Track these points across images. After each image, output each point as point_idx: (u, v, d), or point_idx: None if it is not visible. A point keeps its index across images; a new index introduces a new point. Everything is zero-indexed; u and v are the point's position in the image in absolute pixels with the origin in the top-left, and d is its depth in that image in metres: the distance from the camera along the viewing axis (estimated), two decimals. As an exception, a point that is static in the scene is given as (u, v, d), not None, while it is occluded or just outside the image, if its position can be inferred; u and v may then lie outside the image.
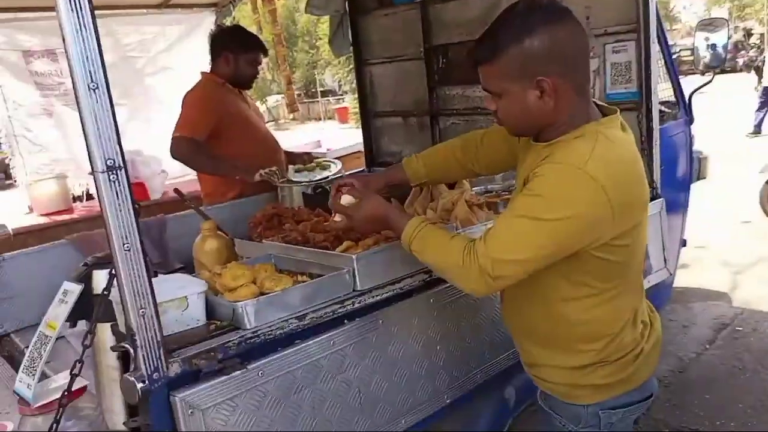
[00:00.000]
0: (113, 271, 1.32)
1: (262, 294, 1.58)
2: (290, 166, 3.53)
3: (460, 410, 1.99)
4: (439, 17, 3.43)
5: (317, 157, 3.69)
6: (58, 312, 1.47)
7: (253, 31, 3.94)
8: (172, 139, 3.02)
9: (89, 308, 1.54)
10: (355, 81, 4.16)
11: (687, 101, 3.65)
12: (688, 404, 3.34)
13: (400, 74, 3.75)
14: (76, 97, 1.25)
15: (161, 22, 5.07)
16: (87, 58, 1.22)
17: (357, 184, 1.77)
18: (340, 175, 3.31)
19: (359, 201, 1.69)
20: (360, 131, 4.17)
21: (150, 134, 4.69)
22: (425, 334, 1.87)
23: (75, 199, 4.57)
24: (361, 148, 4.20)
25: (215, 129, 3.08)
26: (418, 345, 1.84)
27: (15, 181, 4.66)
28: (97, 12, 1.24)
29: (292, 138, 11.65)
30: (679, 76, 3.61)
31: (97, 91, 1.24)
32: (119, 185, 1.28)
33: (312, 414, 1.57)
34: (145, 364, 1.33)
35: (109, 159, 1.26)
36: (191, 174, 3.71)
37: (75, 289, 1.47)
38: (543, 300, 1.55)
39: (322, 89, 30.35)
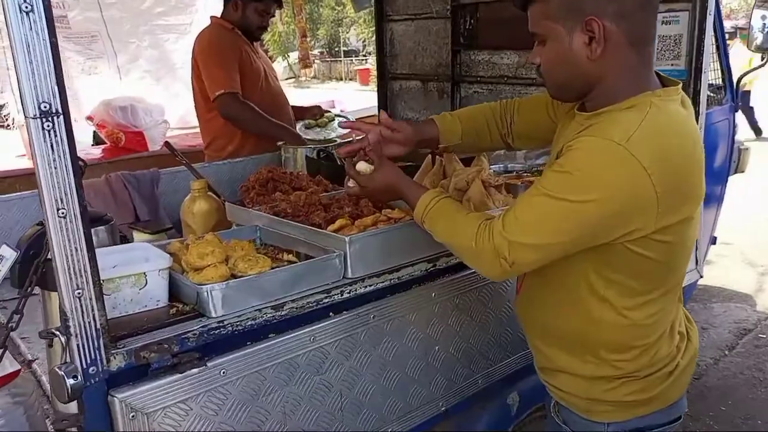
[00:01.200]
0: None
1: (233, 276, 1.34)
2: (300, 122, 3.32)
3: (456, 418, 1.76)
4: (472, -28, 3.10)
5: (328, 111, 3.46)
6: (-12, 280, 1.24)
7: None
8: (217, 97, 2.85)
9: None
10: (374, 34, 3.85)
11: (734, 86, 3.32)
12: (703, 415, 3.11)
13: (423, 34, 3.45)
14: (6, 23, 0.99)
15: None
16: (17, -29, 0.96)
17: (375, 149, 1.56)
18: (350, 139, 3.08)
19: (373, 169, 1.52)
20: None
21: (149, 79, 4.43)
22: (423, 332, 1.62)
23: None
24: (376, 111, 3.93)
25: None
26: (414, 344, 1.61)
27: (6, 120, 4.43)
28: None
29: (308, 96, 11.31)
30: (728, 58, 3.28)
31: (31, 14, 0.98)
32: (55, 135, 1.03)
33: (282, 420, 1.35)
34: (79, 355, 1.10)
35: (43, 102, 1.01)
36: (194, 125, 3.49)
37: (10, 255, 1.24)
38: (568, 294, 1.33)
39: (345, 49, 29.73)
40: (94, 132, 4.59)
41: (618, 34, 1.19)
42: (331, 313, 1.45)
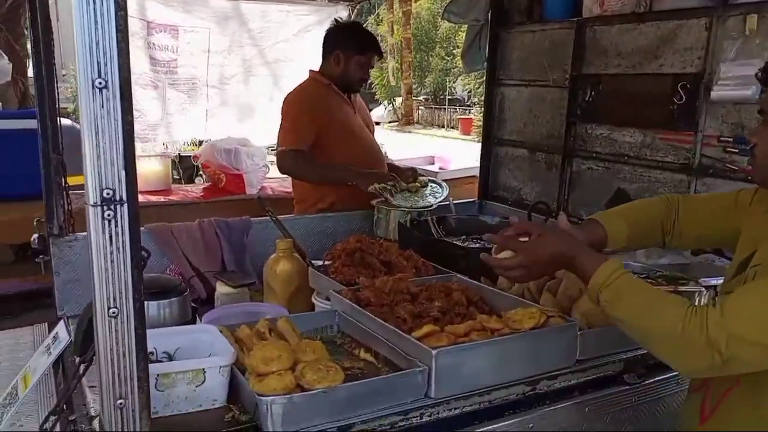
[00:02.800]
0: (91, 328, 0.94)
1: (300, 387, 1.16)
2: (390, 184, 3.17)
3: None
4: (597, 42, 2.87)
5: (422, 175, 3.30)
6: (38, 363, 1.13)
7: (385, 32, 3.60)
8: (278, 153, 2.86)
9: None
10: (483, 96, 3.69)
11: None
12: None
13: (536, 102, 3.23)
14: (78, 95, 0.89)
15: (291, 11, 4.86)
16: (96, 43, 0.86)
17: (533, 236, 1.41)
18: (447, 203, 2.90)
19: (539, 234, 1.38)
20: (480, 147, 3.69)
21: (257, 124, 4.52)
22: (515, 471, 1.37)
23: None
24: (477, 173, 3.73)
25: (317, 136, 2.82)
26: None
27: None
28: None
29: (408, 140, 11.32)
30: None
31: (104, 91, 0.87)
32: (116, 225, 0.90)
33: None
34: (113, 477, 0.95)
35: (107, 189, 0.89)
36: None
37: (64, 338, 1.13)
38: None
39: (450, 97, 29.95)
40: (198, 168, 4.75)
41: None
42: (406, 440, 1.23)
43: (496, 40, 3.40)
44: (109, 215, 0.89)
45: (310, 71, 3.03)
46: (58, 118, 2.04)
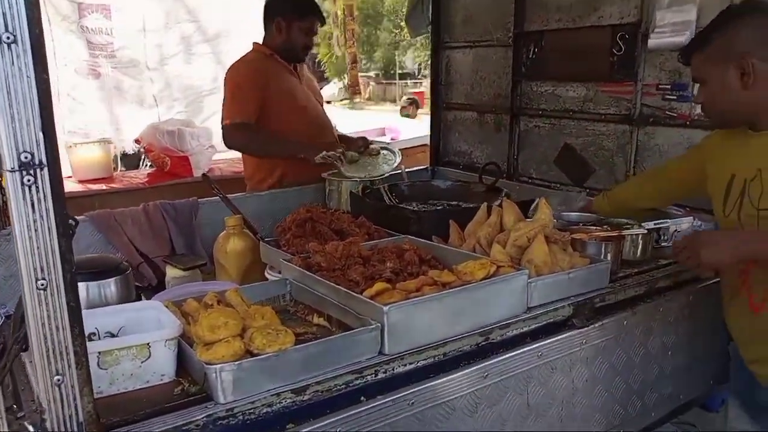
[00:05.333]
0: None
1: (249, 354, 1.14)
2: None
3: None
4: (537, -1, 2.87)
5: (373, 143, 3.27)
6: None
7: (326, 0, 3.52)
8: (222, 128, 2.74)
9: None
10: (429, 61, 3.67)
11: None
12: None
13: (482, 62, 3.23)
14: None
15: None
16: (0, -3, 0.80)
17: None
18: (399, 171, 2.88)
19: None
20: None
21: (201, 105, 4.39)
22: (475, 424, 1.38)
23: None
24: (428, 141, 3.72)
25: (260, 107, 2.74)
26: (462, 436, 1.36)
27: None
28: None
29: (359, 117, 11.21)
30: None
31: (14, 46, 0.82)
32: (37, 191, 0.85)
33: None
34: (56, 454, 0.91)
35: (24, 152, 0.84)
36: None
37: (-5, 320, 1.07)
38: None
39: (400, 71, 29.80)
40: (142, 154, 4.58)
41: (765, 68, 1.48)
42: (362, 398, 1.23)
43: (438, 2, 3.37)
44: (28, 180, 0.84)
45: (254, 44, 2.95)
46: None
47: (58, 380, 0.90)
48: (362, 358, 1.25)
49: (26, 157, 0.84)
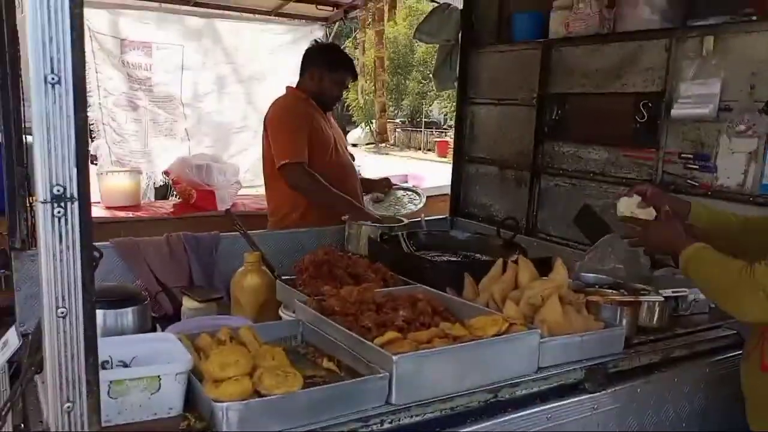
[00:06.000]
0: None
1: (257, 393, 1.15)
2: (366, 196, 3.21)
3: None
4: (563, 62, 2.93)
5: (396, 185, 3.34)
6: (-14, 369, 1.10)
7: (358, 52, 3.68)
8: (283, 166, 2.82)
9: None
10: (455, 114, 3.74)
11: None
12: None
13: (506, 120, 3.28)
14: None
15: (266, 30, 4.91)
16: (50, 38, 0.85)
17: (658, 198, 1.83)
18: (418, 219, 2.92)
19: (660, 222, 1.76)
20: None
21: (228, 141, 4.52)
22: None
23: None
24: (449, 191, 3.75)
25: None
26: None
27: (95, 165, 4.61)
28: (202, 10, 0.88)
29: (384, 163, 11.36)
30: None
31: (57, 87, 0.87)
32: (66, 224, 0.89)
33: None
34: (58, 482, 0.92)
35: (57, 185, 0.88)
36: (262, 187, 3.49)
37: (13, 343, 1.10)
38: None
39: (426, 120, 30.24)
40: (170, 186, 4.69)
41: None
42: (366, 448, 1.22)
43: (466, 59, 3.46)
44: (59, 212, 0.88)
45: (287, 87, 3.07)
46: (23, 129, 2.01)
47: (68, 407, 0.91)
48: (369, 406, 1.25)
49: (59, 191, 0.88)
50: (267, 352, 1.25)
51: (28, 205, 2.01)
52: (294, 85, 3.09)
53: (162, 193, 5.11)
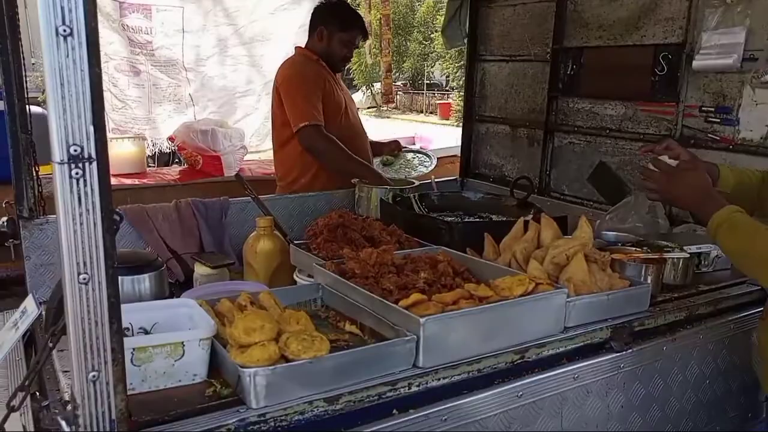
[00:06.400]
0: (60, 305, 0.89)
1: (284, 359, 1.12)
2: (377, 157, 3.17)
3: None
4: (579, 15, 2.83)
5: (405, 147, 3.30)
6: (5, 338, 1.07)
7: (361, 10, 3.56)
8: (300, 129, 2.74)
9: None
10: (463, 78, 3.65)
11: None
12: None
13: (518, 77, 3.19)
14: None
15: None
16: (59, -14, 0.79)
17: (681, 151, 1.71)
18: (428, 181, 2.88)
19: (689, 166, 1.62)
20: (459, 131, 3.66)
21: (234, 106, 4.43)
22: (505, 440, 1.34)
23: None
24: (458, 151, 3.70)
25: None
26: (493, 455, 1.33)
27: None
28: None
29: (388, 126, 11.24)
30: None
31: (69, 39, 0.81)
32: (84, 185, 0.84)
33: None
34: (86, 451, 0.90)
35: (74, 145, 0.83)
36: (270, 150, 3.43)
37: (32, 311, 1.07)
38: None
39: (428, 82, 29.87)
40: (175, 152, 4.63)
41: None
42: (395, 411, 1.20)
43: (476, 14, 3.36)
44: (77, 174, 0.83)
45: (296, 47, 2.98)
46: (26, 96, 1.95)
47: (94, 376, 0.89)
48: (396, 369, 1.22)
49: (76, 150, 0.83)
50: (291, 317, 1.21)
51: (34, 173, 1.97)
52: (303, 46, 3.01)
53: (164, 160, 5.05)
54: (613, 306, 1.57)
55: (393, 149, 3.25)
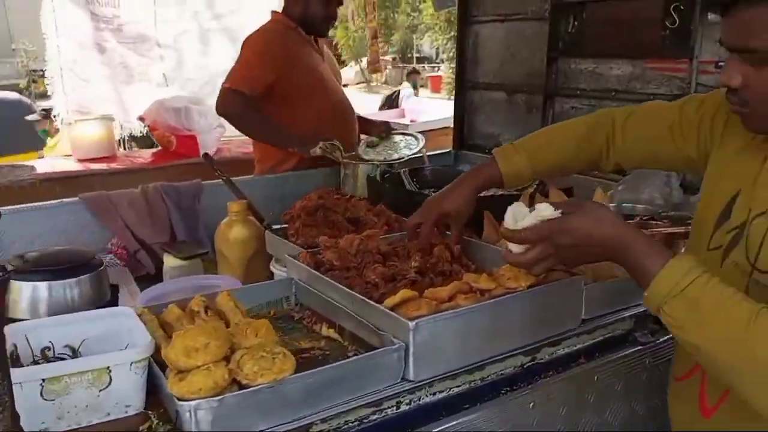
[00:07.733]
0: None
1: (237, 384, 0.88)
2: (363, 137, 2.91)
3: None
4: (578, -36, 2.58)
5: (395, 129, 3.06)
6: None
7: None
8: (220, 90, 2.51)
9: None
10: (454, 49, 3.40)
11: None
12: None
13: (513, 38, 2.94)
14: None
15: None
16: None
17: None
18: (419, 155, 2.64)
19: (574, 212, 0.97)
20: (452, 104, 3.42)
21: (216, 85, 4.15)
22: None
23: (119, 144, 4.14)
24: (451, 123, 3.46)
25: (275, 84, 2.51)
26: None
27: (54, 118, 4.23)
28: None
29: (377, 102, 10.94)
30: None
31: None
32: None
33: None
34: None
35: None
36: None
37: None
38: None
39: (418, 55, 29.44)
40: (148, 134, 4.35)
41: None
42: (380, 438, 0.97)
43: (466, -29, 3.09)
44: None
45: (272, 12, 2.72)
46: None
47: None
48: (381, 386, 0.99)
49: None
50: (248, 327, 0.97)
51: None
52: (279, 11, 2.74)
53: (147, 143, 4.77)
54: (636, 292, 1.33)
55: (382, 131, 2.99)
